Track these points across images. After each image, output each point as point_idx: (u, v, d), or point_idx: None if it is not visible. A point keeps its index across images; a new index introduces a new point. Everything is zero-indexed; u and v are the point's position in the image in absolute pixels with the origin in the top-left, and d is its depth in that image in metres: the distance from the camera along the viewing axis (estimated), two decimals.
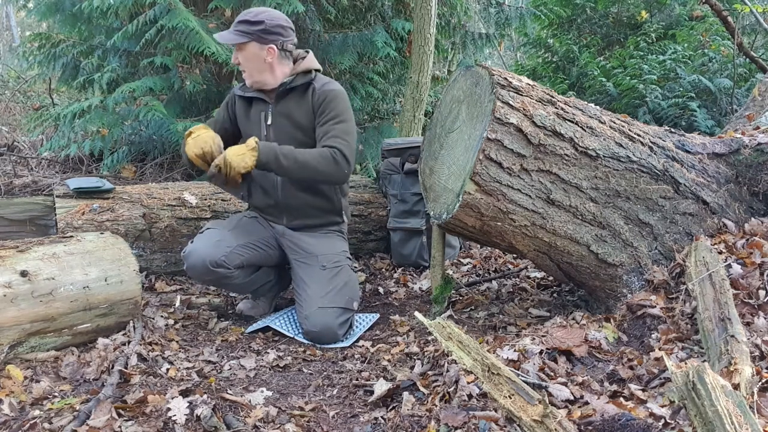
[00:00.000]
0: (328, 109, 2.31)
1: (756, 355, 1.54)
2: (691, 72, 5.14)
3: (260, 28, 2.27)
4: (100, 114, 4.09)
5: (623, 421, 1.32)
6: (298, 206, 2.41)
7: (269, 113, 2.37)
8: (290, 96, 2.36)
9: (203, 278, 2.31)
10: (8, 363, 1.79)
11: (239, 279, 2.34)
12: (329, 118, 2.30)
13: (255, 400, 1.71)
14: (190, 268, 2.27)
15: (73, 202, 2.71)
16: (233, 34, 2.29)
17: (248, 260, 2.35)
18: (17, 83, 7.20)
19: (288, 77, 2.35)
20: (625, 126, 2.08)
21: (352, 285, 2.39)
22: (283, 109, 2.36)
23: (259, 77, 2.33)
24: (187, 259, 2.26)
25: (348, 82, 4.54)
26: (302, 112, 2.34)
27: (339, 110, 2.31)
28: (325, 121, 2.30)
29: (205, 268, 2.23)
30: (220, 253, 2.24)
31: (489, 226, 1.97)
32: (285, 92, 2.36)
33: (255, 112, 2.41)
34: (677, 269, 2.01)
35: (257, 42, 2.28)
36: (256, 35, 2.27)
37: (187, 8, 3.83)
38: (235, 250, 2.29)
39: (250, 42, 2.28)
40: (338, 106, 2.31)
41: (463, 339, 1.43)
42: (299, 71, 2.35)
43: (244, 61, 2.31)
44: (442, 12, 4.92)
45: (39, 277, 1.87)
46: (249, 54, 2.29)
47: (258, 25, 2.27)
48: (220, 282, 2.34)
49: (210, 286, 2.83)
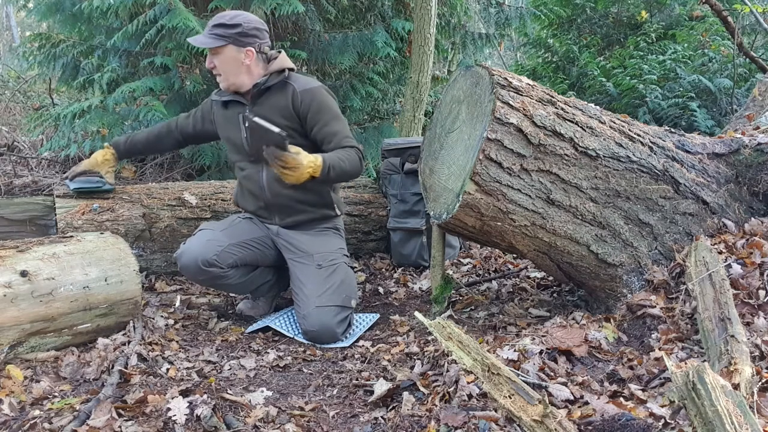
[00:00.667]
0: (322, 111, 2.31)
1: (756, 355, 1.54)
2: (691, 72, 5.14)
3: (237, 31, 2.27)
4: (100, 114, 4.09)
5: (623, 421, 1.32)
6: (288, 204, 2.41)
7: (247, 114, 2.37)
8: (266, 96, 2.36)
9: (197, 278, 2.32)
10: (8, 363, 1.79)
11: (234, 279, 2.34)
12: (328, 120, 2.31)
13: (255, 400, 1.71)
14: (183, 269, 2.28)
15: (73, 202, 2.71)
16: (209, 38, 2.28)
17: (242, 259, 2.35)
18: (17, 83, 7.20)
19: (262, 77, 2.34)
20: (625, 126, 2.08)
21: (349, 282, 2.39)
22: (260, 110, 2.34)
23: (235, 80, 2.33)
24: (180, 260, 2.27)
25: (348, 82, 4.54)
26: (280, 112, 2.32)
27: (332, 110, 2.34)
28: (325, 123, 2.31)
29: (198, 267, 2.24)
30: (211, 253, 2.24)
31: (489, 226, 1.97)
32: (260, 92, 2.35)
33: (232, 114, 2.41)
34: (677, 269, 2.01)
35: (234, 45, 2.28)
36: (233, 38, 2.27)
37: (187, 8, 3.83)
38: (227, 249, 2.29)
39: (228, 45, 2.27)
40: (327, 105, 2.33)
41: (463, 339, 1.43)
42: (272, 71, 2.35)
43: (220, 64, 2.30)
44: (442, 12, 4.92)
45: (39, 277, 1.87)
46: (226, 57, 2.29)
47: (235, 28, 2.27)
48: (215, 282, 2.34)
49: (209, 287, 2.83)
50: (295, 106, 2.32)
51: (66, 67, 4.52)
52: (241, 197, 2.52)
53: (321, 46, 4.25)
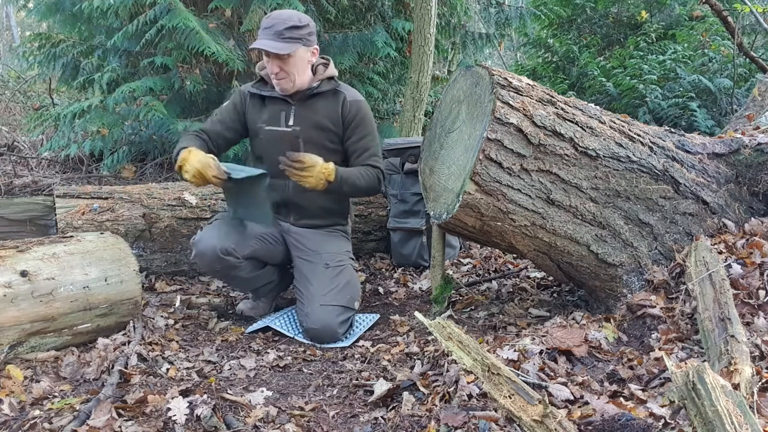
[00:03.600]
0: (363, 125, 2.38)
1: (756, 355, 1.54)
2: (691, 72, 5.14)
3: (307, 32, 2.28)
4: (100, 114, 4.09)
5: (623, 421, 1.32)
6: (307, 206, 2.42)
7: (291, 114, 2.37)
8: (315, 100, 2.37)
9: (212, 266, 2.29)
10: (8, 363, 1.79)
11: (245, 272, 2.33)
12: (364, 135, 2.38)
13: (255, 400, 1.71)
14: (198, 255, 2.26)
15: (73, 202, 2.71)
16: (284, 42, 2.22)
17: (256, 252, 2.34)
18: (17, 83, 7.20)
19: (315, 82, 2.36)
20: (625, 126, 2.07)
21: (354, 284, 2.40)
22: (308, 112, 2.35)
23: (301, 81, 2.33)
24: (197, 246, 2.25)
25: (348, 82, 4.53)
26: (328, 117, 2.36)
27: (371, 126, 2.42)
28: (361, 137, 2.37)
29: (215, 255, 2.22)
30: (230, 241, 2.24)
31: (489, 226, 1.97)
32: (310, 96, 2.36)
33: (273, 111, 2.39)
34: (677, 269, 2.01)
35: (304, 46, 2.28)
36: (304, 39, 2.27)
37: (187, 8, 3.83)
38: (245, 239, 2.29)
39: (300, 47, 2.26)
40: (369, 121, 2.41)
41: (463, 339, 1.43)
42: (325, 76, 2.38)
43: (290, 67, 2.27)
44: (442, 12, 4.92)
45: (39, 277, 1.87)
46: (297, 59, 2.27)
47: (305, 28, 2.27)
48: (227, 272, 2.32)
49: (210, 285, 2.83)
50: (343, 113, 2.36)
51: (66, 67, 4.53)
52: None
53: (321, 46, 4.23)
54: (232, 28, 4.11)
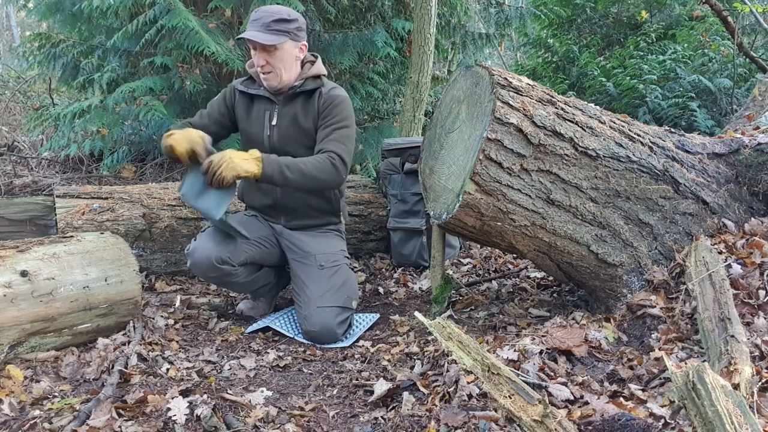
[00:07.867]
0: (332, 114, 2.30)
1: (756, 355, 1.54)
2: (691, 72, 5.14)
3: (296, 26, 2.25)
4: (100, 114, 4.09)
5: (623, 421, 1.32)
6: (297, 207, 2.41)
7: (275, 113, 2.35)
8: (298, 99, 2.35)
9: (207, 275, 2.30)
10: (8, 363, 1.79)
11: (241, 277, 2.34)
12: (332, 122, 2.29)
13: (255, 400, 1.71)
14: (194, 265, 2.25)
15: (73, 202, 2.71)
16: (270, 34, 2.20)
17: (251, 257, 2.34)
18: (17, 83, 7.20)
19: (299, 80, 2.33)
20: (625, 126, 2.07)
21: (350, 284, 2.39)
22: (290, 112, 2.34)
23: (288, 76, 2.30)
24: (191, 256, 2.25)
25: (348, 82, 4.54)
26: (308, 116, 2.33)
27: (342, 116, 2.30)
28: (328, 125, 2.29)
29: (211, 264, 2.22)
30: (225, 251, 2.24)
31: (489, 226, 1.97)
32: (294, 95, 2.34)
33: (258, 110, 2.38)
34: (677, 269, 2.01)
35: (292, 40, 2.25)
36: (292, 33, 2.24)
37: (187, 8, 3.83)
38: (240, 246, 2.29)
39: (287, 41, 2.24)
40: (342, 111, 2.31)
41: (463, 339, 1.43)
42: (310, 75, 2.34)
43: (276, 61, 2.25)
44: (442, 12, 4.92)
45: (39, 277, 1.87)
46: (284, 53, 2.25)
47: (293, 23, 2.24)
48: (223, 279, 2.32)
49: (210, 285, 2.83)
50: (319, 107, 2.31)
51: (66, 67, 4.53)
52: (248, 193, 2.50)
53: (321, 46, 4.25)
54: (232, 28, 4.10)
